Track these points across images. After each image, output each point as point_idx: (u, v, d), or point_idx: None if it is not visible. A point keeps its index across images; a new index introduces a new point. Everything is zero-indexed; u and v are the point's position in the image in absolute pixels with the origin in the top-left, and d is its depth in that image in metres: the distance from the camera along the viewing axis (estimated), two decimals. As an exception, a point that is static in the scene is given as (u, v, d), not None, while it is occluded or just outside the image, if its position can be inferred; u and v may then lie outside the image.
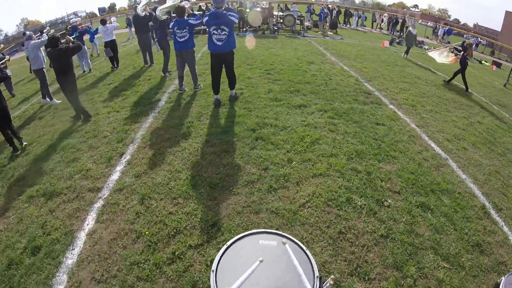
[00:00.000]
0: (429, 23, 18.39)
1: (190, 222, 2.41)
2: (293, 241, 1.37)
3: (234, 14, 4.29)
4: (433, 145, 3.92)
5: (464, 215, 2.85)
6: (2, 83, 4.41)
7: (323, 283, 1.22)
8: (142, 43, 7.51)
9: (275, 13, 13.14)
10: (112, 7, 30.83)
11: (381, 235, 2.43)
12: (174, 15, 5.28)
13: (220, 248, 1.35)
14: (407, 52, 9.87)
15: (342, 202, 2.66)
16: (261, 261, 1.18)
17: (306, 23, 15.11)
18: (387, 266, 2.20)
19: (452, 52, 7.61)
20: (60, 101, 6.29)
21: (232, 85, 4.69)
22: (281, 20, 12.98)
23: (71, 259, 2.26)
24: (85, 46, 8.39)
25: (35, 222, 2.73)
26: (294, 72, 6.01)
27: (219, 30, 4.20)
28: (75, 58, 9.03)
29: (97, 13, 29.38)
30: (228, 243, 1.34)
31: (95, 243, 2.37)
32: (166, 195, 2.73)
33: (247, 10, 11.77)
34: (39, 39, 6.20)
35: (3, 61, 6.66)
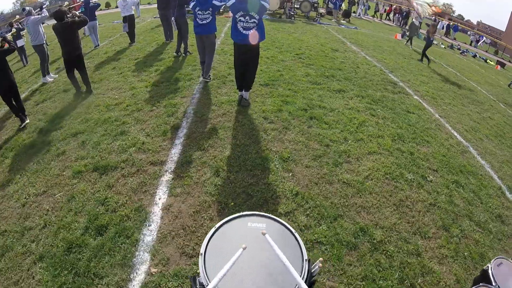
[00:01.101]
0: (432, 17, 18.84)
1: (273, 192, 2.61)
2: (281, 223, 1.35)
3: None
4: (455, 134, 4.45)
5: (487, 192, 3.40)
6: (10, 54, 4.41)
7: (312, 265, 1.21)
8: (164, 19, 7.43)
9: None
10: None
11: (430, 204, 2.91)
12: None
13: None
14: (410, 41, 10.64)
15: (396, 176, 3.11)
16: (244, 248, 1.13)
17: (320, 10, 15.19)
18: (438, 227, 2.69)
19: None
20: (57, 75, 6.39)
21: (248, 85, 4.06)
22: (298, 6, 13.01)
23: (149, 236, 2.25)
24: (97, 21, 8.28)
25: (92, 199, 2.66)
26: (323, 58, 6.32)
27: (247, 17, 3.55)
28: (87, 33, 8.80)
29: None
30: (217, 225, 1.33)
31: (175, 217, 2.39)
32: (241, 168, 2.88)
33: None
34: (39, 14, 6.14)
35: (9, 34, 6.49)
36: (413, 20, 11.16)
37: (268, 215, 1.39)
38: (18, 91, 4.42)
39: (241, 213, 1.40)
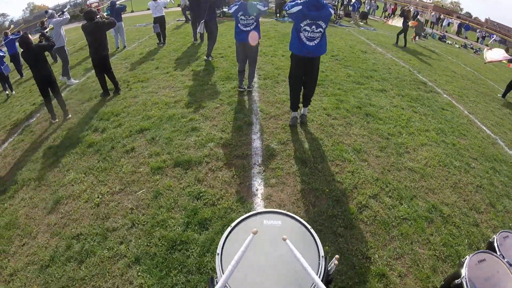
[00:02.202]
0: (440, 15, 19.31)
1: (358, 178, 3.06)
2: (297, 220, 1.36)
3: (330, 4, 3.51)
4: (484, 128, 5.07)
5: (518, 178, 4.05)
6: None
7: (328, 263, 1.21)
8: (196, 20, 7.81)
9: None
10: None
11: (477, 186, 3.53)
12: None
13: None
14: (415, 37, 11.59)
15: (447, 163, 3.73)
16: (254, 233, 1.13)
17: (339, 12, 15.64)
18: (487, 204, 3.30)
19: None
20: (78, 81, 6.74)
21: (308, 100, 3.91)
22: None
23: None
24: (122, 23, 8.68)
25: (184, 194, 2.76)
26: (357, 60, 6.91)
27: (313, 27, 3.27)
28: (112, 34, 9.30)
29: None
30: (232, 224, 1.34)
31: (279, 206, 2.64)
32: (324, 159, 3.31)
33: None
34: (61, 17, 6.45)
35: (47, 30, 6.88)
36: (418, 17, 11.87)
37: (284, 211, 1.40)
38: (57, 85, 4.75)
39: (256, 211, 1.41)
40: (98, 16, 5.35)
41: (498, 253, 1.92)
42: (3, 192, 3.46)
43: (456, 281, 1.81)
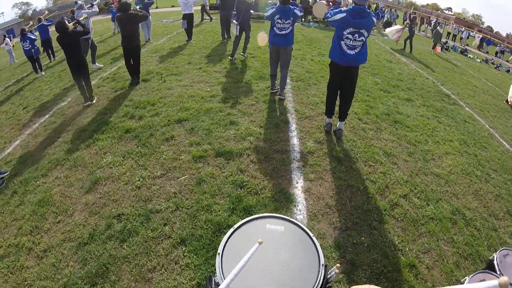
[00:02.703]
0: (457, 26, 19.32)
1: (389, 179, 3.34)
2: (300, 226, 1.37)
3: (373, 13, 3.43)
4: (504, 142, 5.30)
5: (534, 191, 4.29)
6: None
7: (328, 271, 1.21)
8: (226, 19, 8.19)
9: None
10: None
11: (496, 195, 3.78)
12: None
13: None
14: (433, 47, 12.05)
15: (470, 172, 4.00)
16: (260, 243, 1.14)
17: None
18: (505, 213, 3.54)
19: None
20: (102, 65, 7.23)
21: (345, 114, 3.89)
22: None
23: (300, 215, 2.68)
24: (150, 17, 9.07)
25: (227, 182, 2.96)
26: (383, 69, 7.17)
27: (356, 35, 3.30)
28: (139, 26, 9.70)
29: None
30: (236, 226, 1.35)
31: (318, 199, 2.88)
32: (357, 159, 3.60)
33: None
34: (90, 9, 6.86)
35: (82, 18, 7.29)
36: (438, 28, 12.14)
37: (287, 217, 1.41)
38: (87, 70, 5.15)
39: (260, 215, 1.43)
40: (132, 9, 5.67)
41: (497, 272, 1.93)
42: (35, 170, 3.65)
43: None
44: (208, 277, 1.23)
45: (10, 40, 12.05)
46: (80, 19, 6.42)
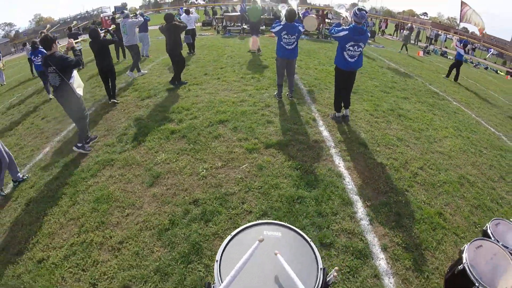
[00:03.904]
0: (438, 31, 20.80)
1: (407, 158, 4.21)
2: (297, 232, 1.38)
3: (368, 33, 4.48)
4: (489, 127, 6.29)
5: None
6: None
7: (327, 275, 1.22)
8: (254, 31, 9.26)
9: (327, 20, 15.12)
10: (123, 7, 31.92)
11: (490, 165, 4.61)
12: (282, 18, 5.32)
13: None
14: (402, 48, 13.97)
15: (466, 150, 4.87)
16: (260, 241, 1.16)
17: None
18: (499, 178, 4.37)
19: None
20: (147, 71, 7.81)
21: (348, 103, 4.94)
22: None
23: (349, 185, 3.38)
24: (147, 33, 9.85)
25: (284, 166, 3.56)
26: (377, 74, 8.23)
27: (355, 47, 4.27)
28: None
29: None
30: (233, 233, 1.36)
31: (359, 173, 3.61)
32: (379, 144, 4.37)
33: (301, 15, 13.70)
34: (135, 19, 7.74)
35: (110, 29, 7.74)
36: (403, 32, 13.95)
37: (284, 224, 1.44)
38: (114, 73, 5.90)
39: (257, 222, 1.45)
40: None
41: (492, 238, 2.11)
42: (82, 172, 3.85)
43: (459, 267, 1.99)
44: (207, 284, 1.23)
45: (0, 60, 11.48)
46: (110, 29, 7.05)
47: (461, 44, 9.96)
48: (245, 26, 14.32)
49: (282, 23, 5.19)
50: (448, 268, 2.31)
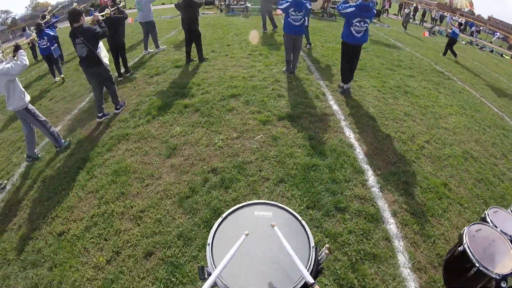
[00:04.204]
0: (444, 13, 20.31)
1: (413, 131, 4.33)
2: (288, 211, 1.38)
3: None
4: (493, 107, 6.37)
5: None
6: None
7: (319, 252, 1.23)
8: (266, 12, 9.06)
9: None
10: None
11: (492, 143, 4.76)
12: None
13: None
14: (405, 26, 14.13)
15: (470, 127, 4.95)
16: (246, 235, 1.15)
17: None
18: (501, 155, 4.51)
19: None
20: (165, 46, 7.71)
21: (352, 75, 5.20)
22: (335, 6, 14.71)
23: (360, 154, 3.55)
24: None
25: (298, 137, 3.74)
26: (384, 52, 8.15)
27: (361, 23, 4.47)
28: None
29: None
30: (224, 215, 1.35)
31: (369, 144, 3.77)
32: (387, 118, 4.46)
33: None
34: None
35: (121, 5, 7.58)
36: (405, 10, 13.80)
37: (275, 203, 1.43)
38: (124, 49, 5.97)
39: (247, 202, 1.43)
40: None
41: (491, 224, 2.15)
42: (96, 147, 3.90)
43: (459, 248, 2.02)
44: (200, 267, 1.25)
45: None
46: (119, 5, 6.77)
47: (457, 23, 9.94)
48: (249, 5, 13.88)
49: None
50: (448, 251, 2.37)
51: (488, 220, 2.21)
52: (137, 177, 3.27)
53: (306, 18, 6.87)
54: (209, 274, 1.15)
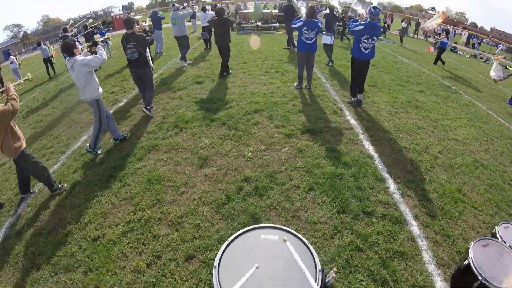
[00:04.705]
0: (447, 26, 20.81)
1: (427, 142, 4.78)
2: (295, 235, 1.38)
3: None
4: (500, 119, 6.73)
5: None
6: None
7: (326, 275, 1.24)
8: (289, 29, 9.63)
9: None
10: (130, 6, 32.44)
11: (500, 151, 5.09)
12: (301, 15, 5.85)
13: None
14: (401, 41, 14.92)
15: (478, 138, 5.32)
16: (257, 267, 1.15)
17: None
18: (509, 163, 4.88)
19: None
20: (191, 61, 8.32)
21: (362, 89, 5.55)
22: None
23: (380, 164, 3.90)
24: (161, 31, 10.24)
25: (322, 149, 4.05)
26: (392, 69, 8.65)
27: (369, 40, 4.92)
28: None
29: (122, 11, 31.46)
30: (230, 238, 1.36)
31: (387, 155, 4.11)
32: (401, 131, 4.91)
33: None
34: (185, 11, 8.23)
35: (146, 25, 7.92)
36: (402, 24, 14.51)
37: (281, 227, 1.44)
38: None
39: (254, 226, 1.44)
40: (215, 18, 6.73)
41: (500, 239, 2.14)
42: (127, 156, 4.08)
43: (464, 262, 2.03)
44: None
45: (16, 59, 11.65)
46: (146, 24, 7.29)
47: (444, 33, 10.60)
48: (259, 23, 14.70)
49: (302, 19, 5.65)
50: (455, 269, 2.42)
51: (498, 236, 2.24)
52: (171, 185, 3.46)
53: (332, 37, 7.51)
54: None
